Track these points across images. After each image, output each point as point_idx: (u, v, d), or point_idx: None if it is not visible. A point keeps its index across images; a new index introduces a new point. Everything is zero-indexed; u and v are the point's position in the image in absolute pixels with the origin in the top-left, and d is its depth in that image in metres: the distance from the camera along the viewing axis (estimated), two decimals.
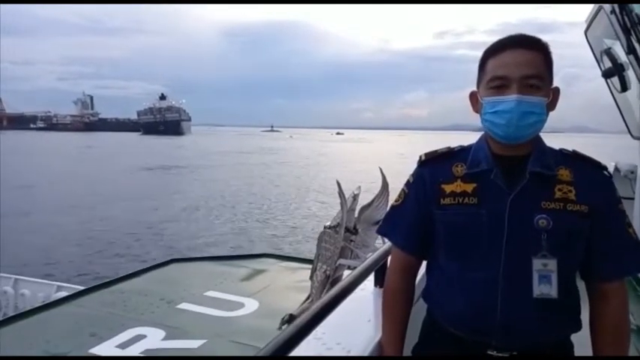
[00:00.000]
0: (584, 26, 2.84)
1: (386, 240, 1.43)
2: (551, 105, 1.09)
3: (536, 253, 1.03)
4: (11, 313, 5.51)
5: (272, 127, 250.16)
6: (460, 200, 1.09)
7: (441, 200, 1.10)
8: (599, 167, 1.12)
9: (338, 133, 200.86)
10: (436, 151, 1.18)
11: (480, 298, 1.05)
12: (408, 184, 1.18)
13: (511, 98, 1.05)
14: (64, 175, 26.86)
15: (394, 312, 1.18)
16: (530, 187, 1.06)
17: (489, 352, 1.05)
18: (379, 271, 1.39)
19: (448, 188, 1.11)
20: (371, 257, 1.29)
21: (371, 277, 1.42)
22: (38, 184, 22.59)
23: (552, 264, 1.03)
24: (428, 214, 1.12)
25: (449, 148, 1.19)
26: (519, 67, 1.06)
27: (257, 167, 33.78)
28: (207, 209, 17.40)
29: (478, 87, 1.12)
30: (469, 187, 1.10)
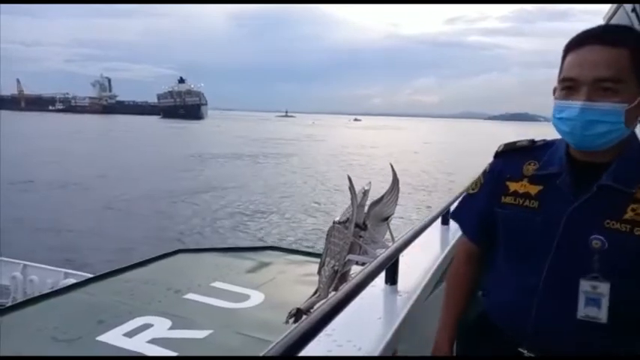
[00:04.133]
0: (601, 21, 2.80)
1: (396, 236, 1.43)
2: (637, 106, 0.93)
3: (586, 273, 0.96)
4: (20, 299, 5.59)
5: (286, 112, 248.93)
6: (520, 202, 1.03)
7: (502, 198, 1.06)
8: None
9: (355, 120, 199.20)
10: (515, 142, 1.12)
11: (516, 301, 1.03)
12: (484, 173, 1.14)
13: (576, 105, 0.95)
14: (131, 165, 26.34)
15: (453, 297, 1.20)
16: (595, 201, 0.97)
17: (520, 350, 1.05)
18: (391, 268, 1.39)
19: (512, 187, 1.06)
20: (383, 254, 1.28)
21: (382, 275, 1.42)
22: (118, 175, 21.97)
23: (604, 287, 0.95)
24: (492, 208, 1.09)
25: (530, 141, 1.11)
26: (593, 68, 0.94)
27: (326, 156, 33.27)
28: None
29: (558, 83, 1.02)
30: (534, 190, 1.03)
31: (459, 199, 1.34)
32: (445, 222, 2.16)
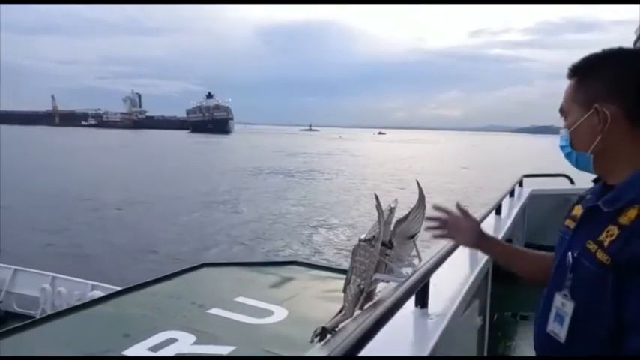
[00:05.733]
0: (634, 37, 2.73)
1: (422, 255, 1.40)
2: (583, 131, 1.03)
3: (560, 289, 1.03)
4: (49, 309, 5.71)
5: (310, 126, 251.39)
6: (567, 223, 1.14)
7: (565, 220, 1.16)
8: None
9: (380, 133, 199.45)
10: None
11: (538, 306, 1.15)
12: None
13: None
14: (193, 180, 27.54)
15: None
16: (584, 221, 1.05)
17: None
18: (421, 291, 1.36)
19: (573, 210, 1.15)
20: (413, 277, 1.26)
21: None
22: (189, 195, 22.94)
23: (569, 306, 0.99)
24: None
25: None
26: None
27: (370, 171, 33.67)
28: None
29: None
30: (579, 212, 1.11)
31: (488, 215, 1.51)
32: None
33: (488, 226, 2.10)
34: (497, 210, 2.35)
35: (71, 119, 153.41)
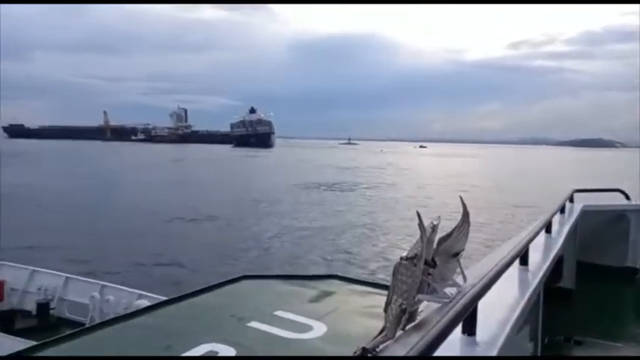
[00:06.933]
0: None
1: (467, 276, 1.32)
2: None
3: None
4: (97, 317, 5.92)
5: (349, 139, 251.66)
6: None
7: None
8: None
9: (421, 147, 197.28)
10: None
11: None
12: None
13: None
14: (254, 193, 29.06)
15: None
16: None
17: None
18: (468, 318, 1.28)
19: None
20: (460, 301, 1.19)
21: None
22: (286, 212, 24.35)
23: None
24: None
25: None
26: None
27: (426, 185, 33.65)
28: None
29: None
30: None
31: (538, 233, 1.31)
32: (524, 262, 1.99)
33: (538, 245, 1.97)
34: (547, 228, 2.21)
35: (121, 134, 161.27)
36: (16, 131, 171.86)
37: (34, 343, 3.54)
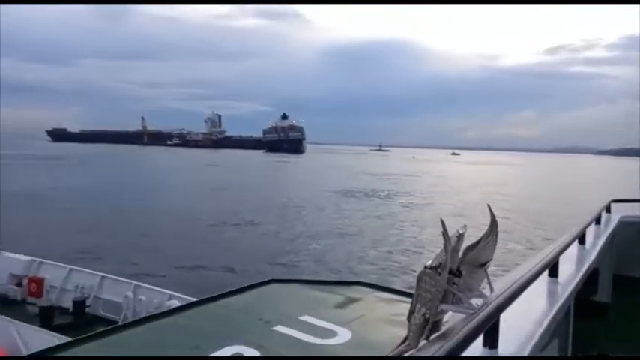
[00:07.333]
0: None
1: (494, 286, 1.30)
2: None
3: None
4: (130, 315, 6.10)
5: (380, 146, 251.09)
6: None
7: None
8: None
9: (454, 154, 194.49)
10: None
11: None
12: None
13: None
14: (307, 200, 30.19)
15: None
16: None
17: None
18: (491, 329, 1.26)
19: None
20: (482, 313, 1.17)
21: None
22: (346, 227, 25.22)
23: None
24: None
25: None
26: None
27: (467, 195, 33.62)
28: None
29: None
30: None
31: (570, 244, 1.24)
32: (553, 274, 1.93)
33: (570, 256, 1.91)
34: (581, 239, 2.13)
35: (157, 138, 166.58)
36: (59, 135, 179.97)
37: (69, 339, 3.69)
